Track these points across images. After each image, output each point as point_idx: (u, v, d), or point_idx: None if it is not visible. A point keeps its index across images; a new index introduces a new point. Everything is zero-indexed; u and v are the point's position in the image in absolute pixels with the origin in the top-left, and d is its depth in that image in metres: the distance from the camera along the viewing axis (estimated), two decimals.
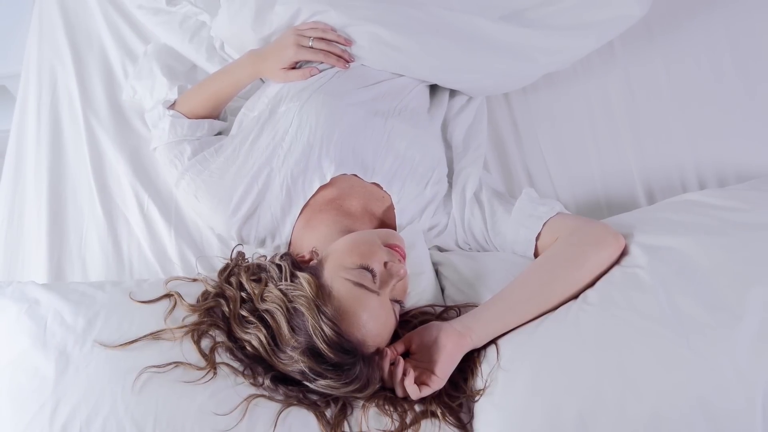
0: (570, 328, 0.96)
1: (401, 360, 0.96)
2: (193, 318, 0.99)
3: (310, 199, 1.16)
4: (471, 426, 0.95)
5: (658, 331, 0.90)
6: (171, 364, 0.93)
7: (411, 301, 1.09)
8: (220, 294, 1.01)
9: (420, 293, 1.11)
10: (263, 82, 1.32)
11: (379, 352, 0.96)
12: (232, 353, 0.96)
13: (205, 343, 0.97)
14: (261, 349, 0.93)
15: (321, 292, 0.93)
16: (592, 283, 1.01)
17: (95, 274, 1.23)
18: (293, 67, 1.23)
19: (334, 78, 1.23)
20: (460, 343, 0.97)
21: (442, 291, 1.14)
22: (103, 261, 1.25)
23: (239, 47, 1.36)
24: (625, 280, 0.99)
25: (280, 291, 0.94)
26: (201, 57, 1.43)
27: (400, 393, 0.96)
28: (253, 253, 1.12)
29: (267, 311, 0.94)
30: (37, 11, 1.57)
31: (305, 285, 0.93)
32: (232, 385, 0.93)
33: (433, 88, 1.37)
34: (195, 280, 1.06)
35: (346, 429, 0.93)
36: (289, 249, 1.17)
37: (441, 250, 1.22)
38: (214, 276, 1.05)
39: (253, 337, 0.94)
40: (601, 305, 0.96)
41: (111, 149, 1.35)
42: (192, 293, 1.03)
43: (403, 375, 0.95)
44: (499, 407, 0.92)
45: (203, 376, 0.93)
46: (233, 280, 1.01)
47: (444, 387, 0.96)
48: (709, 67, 1.41)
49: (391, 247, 1.02)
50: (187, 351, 0.95)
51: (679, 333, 0.89)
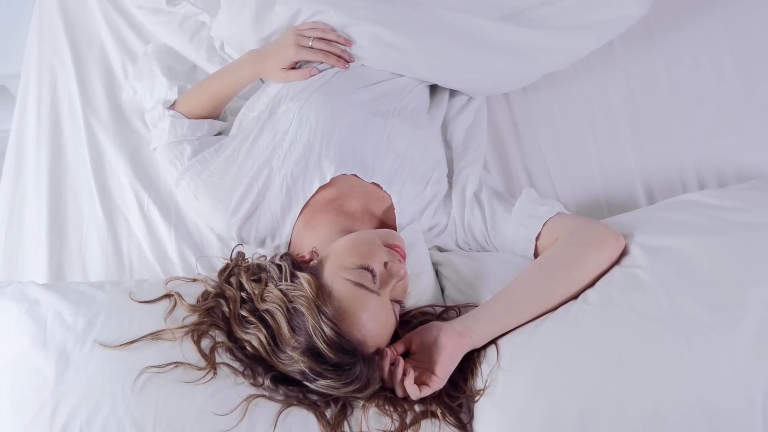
0: (570, 328, 0.96)
1: (401, 360, 0.96)
2: (193, 318, 0.99)
3: (310, 199, 1.16)
4: (471, 426, 0.95)
5: (658, 331, 0.90)
6: (171, 364, 0.93)
7: (411, 302, 1.09)
8: (220, 294, 1.01)
9: (420, 293, 1.11)
10: (263, 82, 1.32)
11: (379, 352, 0.96)
12: (232, 353, 0.96)
13: (205, 343, 0.97)
14: (261, 349, 0.93)
15: (321, 292, 0.93)
16: (592, 283, 1.01)
17: (95, 274, 1.23)
18: (293, 67, 1.23)
19: (334, 78, 1.22)
20: (460, 343, 0.97)
21: (442, 291, 1.14)
22: (103, 261, 1.25)
23: (239, 47, 1.36)
24: (625, 280, 0.99)
25: (280, 291, 0.94)
26: (201, 57, 1.43)
27: (400, 393, 0.96)
28: (253, 253, 1.12)
29: (267, 311, 0.94)
30: (37, 11, 1.57)
31: (305, 285, 0.93)
32: (232, 385, 0.93)
33: (433, 88, 1.36)
34: (195, 281, 1.06)
35: (346, 429, 0.93)
36: (289, 249, 1.17)
37: (441, 250, 1.22)
38: (214, 276, 1.05)
39: (253, 337, 0.94)
40: (601, 305, 0.96)
41: (111, 149, 1.35)
42: (192, 293, 1.03)
43: (403, 375, 0.95)
44: (499, 407, 0.92)
45: (203, 376, 0.93)
46: (233, 280, 1.01)
47: (444, 387, 0.96)
48: (709, 67, 1.41)
49: (391, 247, 1.02)
50: (187, 351, 0.95)
51: (679, 333, 0.89)
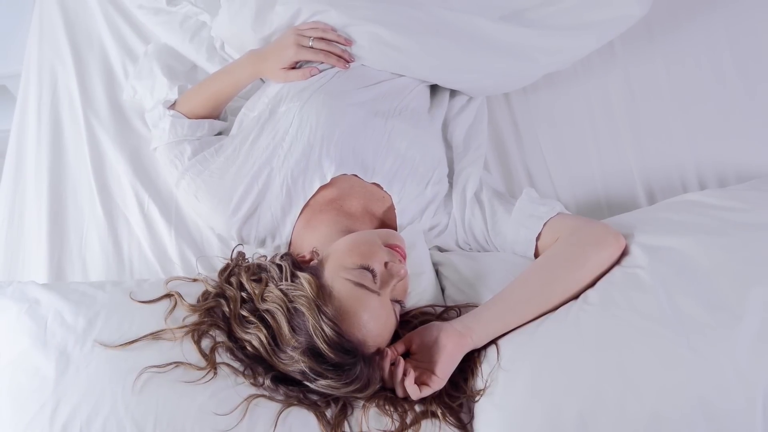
0: (570, 328, 0.96)
1: (401, 360, 0.96)
2: (194, 318, 0.99)
3: (310, 199, 1.16)
4: (471, 426, 0.95)
5: (658, 332, 0.90)
6: (171, 364, 0.93)
7: (411, 302, 1.09)
8: (221, 294, 1.01)
9: (420, 293, 1.11)
10: (263, 82, 1.32)
11: (380, 352, 0.96)
12: (233, 353, 0.96)
13: (206, 343, 0.97)
14: (261, 349, 0.93)
15: (321, 292, 0.93)
16: (592, 283, 1.01)
17: (95, 274, 1.23)
18: (293, 67, 1.23)
19: (335, 78, 1.22)
20: (460, 343, 0.97)
21: (443, 291, 1.14)
22: (104, 261, 1.25)
23: (239, 47, 1.36)
24: (625, 281, 0.99)
25: (281, 291, 0.94)
26: (201, 57, 1.43)
27: (400, 393, 0.96)
28: (253, 253, 1.12)
29: (267, 311, 0.94)
30: (37, 11, 1.57)
31: (306, 285, 0.93)
32: (232, 385, 0.93)
33: (434, 89, 1.36)
34: (195, 280, 1.06)
35: (347, 429, 0.93)
36: (289, 249, 1.16)
37: (441, 250, 1.22)
38: (215, 276, 1.05)
39: (254, 337, 0.94)
40: (602, 305, 0.96)
41: (111, 149, 1.35)
42: (192, 293, 1.03)
43: (404, 375, 0.94)
44: (500, 407, 0.92)
45: (203, 376, 0.93)
46: (233, 280, 1.01)
47: (444, 387, 0.96)
48: (710, 67, 1.41)
49: (392, 247, 1.02)
50: (188, 351, 0.95)
51: (679, 333, 0.89)
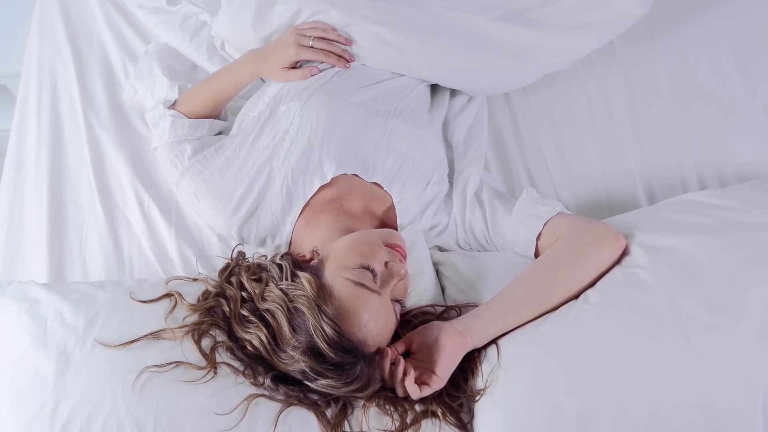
0: (571, 328, 0.96)
1: (402, 360, 0.96)
2: (194, 317, 0.99)
3: (310, 198, 1.16)
4: (471, 426, 0.95)
5: (658, 331, 0.90)
6: (171, 364, 0.93)
7: (412, 301, 1.09)
8: (221, 293, 1.00)
9: (421, 293, 1.11)
10: (264, 82, 1.32)
11: (380, 352, 0.96)
12: (233, 353, 0.96)
13: (206, 343, 0.97)
14: (262, 349, 0.93)
15: (322, 292, 0.93)
16: (592, 283, 1.01)
17: (95, 274, 1.23)
18: (293, 67, 1.23)
19: (335, 78, 1.22)
20: (460, 342, 0.97)
21: (443, 291, 1.14)
22: (104, 261, 1.24)
23: (240, 47, 1.36)
24: (625, 280, 0.99)
25: (281, 290, 0.94)
26: (201, 57, 1.43)
27: (400, 393, 0.96)
28: (253, 252, 1.12)
29: (268, 311, 0.94)
30: (37, 11, 1.57)
31: (306, 284, 0.93)
32: (232, 385, 0.93)
33: (434, 88, 1.36)
34: (195, 280, 1.06)
35: (347, 429, 0.93)
36: (289, 249, 1.17)
37: (441, 249, 1.22)
38: (215, 276, 1.05)
39: (254, 336, 0.94)
40: (602, 305, 0.96)
41: (111, 149, 1.35)
42: (192, 293, 1.03)
43: (404, 375, 0.94)
44: (500, 407, 0.92)
45: (204, 376, 0.93)
46: (234, 279, 1.01)
47: (444, 387, 0.96)
48: (710, 67, 1.41)
49: (392, 246, 1.02)
50: (188, 351, 0.95)
51: (679, 333, 0.89)
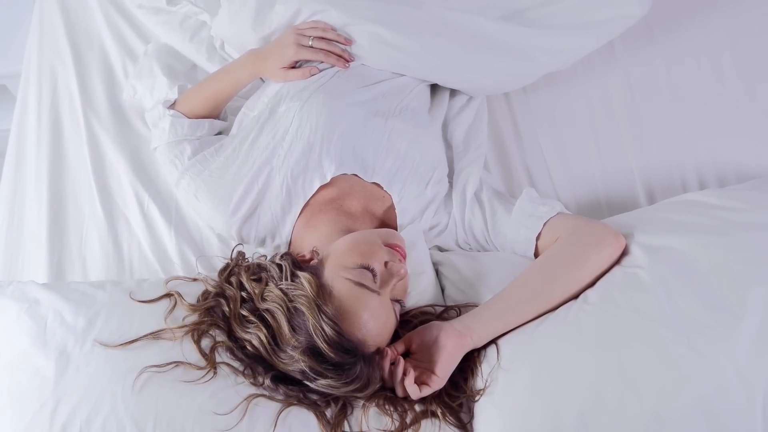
0: (570, 328, 0.96)
1: (401, 360, 0.96)
2: (194, 318, 0.99)
3: (310, 198, 1.16)
4: (471, 426, 0.95)
5: (658, 331, 0.90)
6: (171, 364, 0.93)
7: (411, 301, 1.09)
8: (221, 293, 1.01)
9: (420, 293, 1.11)
10: (263, 82, 1.32)
11: (380, 352, 0.96)
12: (233, 353, 0.96)
13: (206, 343, 0.97)
14: (261, 349, 0.93)
15: (322, 292, 0.93)
16: (592, 283, 1.01)
17: (95, 274, 1.23)
18: (293, 67, 1.23)
19: (335, 77, 1.22)
20: (460, 342, 0.97)
21: (443, 291, 1.14)
22: (104, 261, 1.24)
23: (239, 47, 1.36)
24: (625, 280, 0.99)
25: (281, 290, 0.94)
26: (201, 56, 1.43)
27: (400, 393, 0.96)
28: (253, 252, 1.12)
29: (267, 311, 0.94)
30: (37, 11, 1.57)
31: (306, 284, 0.93)
32: (232, 385, 0.93)
33: (434, 88, 1.36)
34: (195, 280, 1.06)
35: (347, 429, 0.93)
36: (289, 248, 1.16)
37: (441, 249, 1.22)
38: (215, 276, 1.05)
39: (254, 336, 0.94)
40: (602, 305, 0.96)
41: (111, 149, 1.35)
42: (192, 293, 1.03)
43: (404, 375, 0.95)
44: (500, 407, 0.92)
45: (203, 376, 0.93)
46: (233, 279, 1.01)
47: (444, 387, 0.96)
48: (710, 67, 1.41)
49: (392, 246, 1.02)
50: (188, 351, 0.95)
51: (679, 333, 0.89)
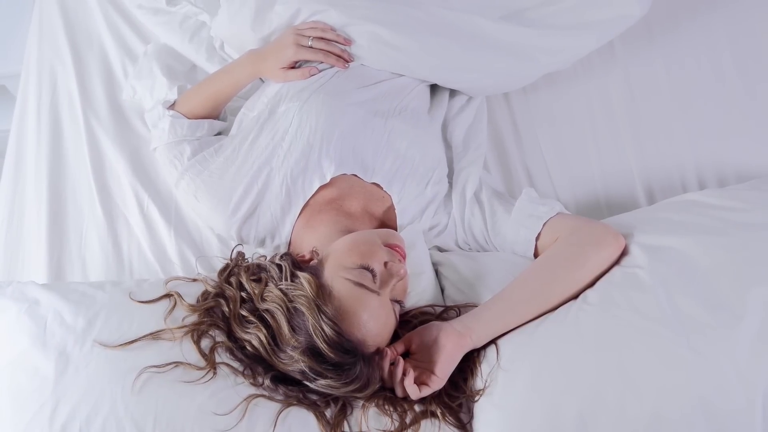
0: (570, 328, 0.96)
1: (401, 360, 0.96)
2: (193, 318, 0.99)
3: (309, 199, 1.16)
4: (471, 426, 0.95)
5: (658, 331, 0.90)
6: (171, 364, 0.93)
7: (411, 301, 1.09)
8: (220, 294, 1.01)
9: (420, 293, 1.11)
10: (263, 82, 1.32)
11: (379, 352, 0.96)
12: (232, 353, 0.96)
13: (205, 343, 0.97)
14: (261, 349, 0.93)
15: (321, 292, 0.93)
16: (592, 283, 1.01)
17: (95, 274, 1.23)
18: (293, 67, 1.23)
19: (334, 78, 1.22)
20: (460, 343, 0.97)
21: (442, 291, 1.14)
22: (103, 261, 1.25)
23: (239, 47, 1.36)
24: (625, 280, 0.99)
25: (281, 291, 0.94)
26: (201, 57, 1.43)
27: (399, 393, 0.96)
28: (253, 253, 1.12)
29: (267, 311, 0.94)
30: (37, 11, 1.57)
31: (305, 285, 0.93)
32: (232, 385, 0.93)
33: (433, 88, 1.36)
34: (195, 280, 1.06)
35: (346, 429, 0.93)
36: (289, 249, 1.16)
37: (441, 250, 1.22)
38: (214, 276, 1.05)
39: (253, 336, 0.94)
40: (602, 305, 0.96)
41: (111, 149, 1.35)
42: (192, 293, 1.03)
43: (403, 375, 0.95)
44: (499, 407, 0.92)
45: (203, 376, 0.93)
46: (233, 280, 1.01)
47: (444, 387, 0.96)
48: (710, 67, 1.41)
49: (392, 247, 1.02)
50: (187, 351, 0.95)
51: (679, 333, 0.89)
